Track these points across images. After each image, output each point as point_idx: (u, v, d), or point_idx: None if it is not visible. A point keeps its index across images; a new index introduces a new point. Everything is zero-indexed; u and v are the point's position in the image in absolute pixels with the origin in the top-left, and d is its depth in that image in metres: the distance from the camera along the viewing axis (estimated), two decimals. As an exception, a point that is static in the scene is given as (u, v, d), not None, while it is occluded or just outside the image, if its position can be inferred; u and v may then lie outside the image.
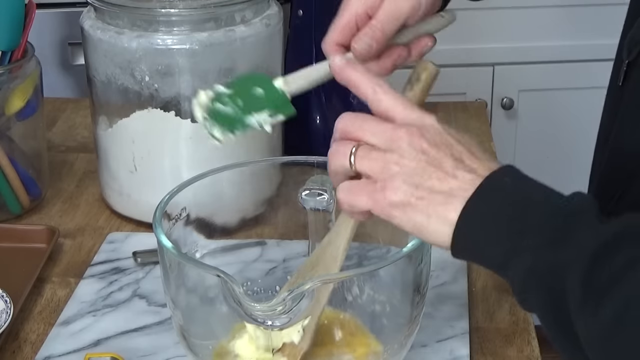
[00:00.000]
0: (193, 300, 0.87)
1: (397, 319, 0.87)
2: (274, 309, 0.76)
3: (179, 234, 0.90)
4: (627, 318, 0.63)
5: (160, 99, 1.13)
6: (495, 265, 0.70)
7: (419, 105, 0.85)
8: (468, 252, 0.71)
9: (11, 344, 0.98)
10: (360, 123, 0.74)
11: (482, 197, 0.69)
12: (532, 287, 0.67)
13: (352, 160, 0.73)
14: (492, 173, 0.70)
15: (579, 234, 0.66)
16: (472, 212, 0.69)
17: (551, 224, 0.67)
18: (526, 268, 0.67)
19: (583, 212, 0.67)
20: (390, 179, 0.71)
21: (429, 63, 0.85)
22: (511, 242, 0.68)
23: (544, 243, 0.66)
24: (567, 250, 0.66)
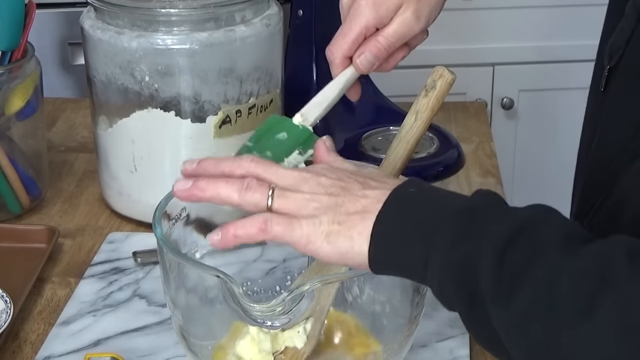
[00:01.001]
0: (193, 301, 0.87)
1: (397, 319, 0.87)
2: (273, 310, 0.76)
3: (179, 234, 0.90)
4: (534, 310, 0.64)
5: (160, 99, 1.13)
6: (414, 272, 0.71)
7: (433, 111, 0.86)
8: (386, 263, 0.72)
9: (11, 344, 0.98)
10: (268, 166, 0.76)
11: (390, 207, 0.71)
12: (449, 282, 0.69)
13: (270, 202, 0.74)
14: (398, 186, 0.73)
15: (486, 227, 0.68)
16: (383, 222, 0.71)
17: (459, 221, 0.69)
18: (440, 265, 0.69)
19: (487, 207, 0.69)
20: (311, 215, 0.73)
21: (445, 70, 0.85)
22: (424, 244, 0.70)
23: (454, 239, 0.68)
24: (475, 243, 0.67)
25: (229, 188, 0.75)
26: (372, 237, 0.71)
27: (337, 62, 0.92)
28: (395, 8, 0.91)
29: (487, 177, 1.31)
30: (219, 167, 0.77)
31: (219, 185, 0.75)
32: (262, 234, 0.73)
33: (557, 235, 0.66)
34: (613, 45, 0.89)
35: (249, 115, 1.15)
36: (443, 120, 1.43)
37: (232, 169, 0.76)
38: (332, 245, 0.72)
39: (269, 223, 0.73)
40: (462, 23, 2.06)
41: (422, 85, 0.87)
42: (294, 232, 0.73)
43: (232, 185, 0.75)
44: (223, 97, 1.13)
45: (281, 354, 0.84)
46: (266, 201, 0.74)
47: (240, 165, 0.76)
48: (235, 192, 0.74)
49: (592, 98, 0.99)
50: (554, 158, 2.15)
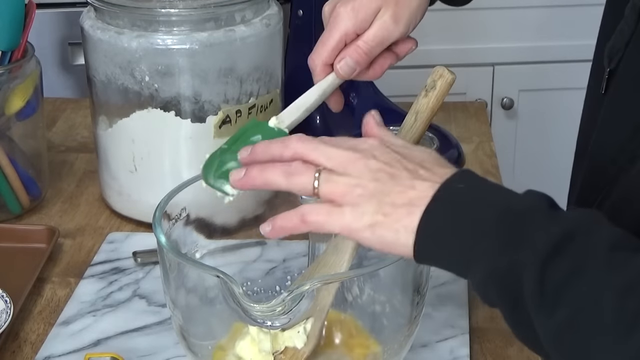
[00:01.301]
0: (193, 301, 0.87)
1: (397, 319, 0.87)
2: (273, 310, 0.76)
3: (179, 234, 0.90)
4: (576, 323, 0.65)
5: (160, 99, 1.13)
6: (456, 269, 0.72)
7: (433, 111, 0.86)
8: (430, 258, 0.73)
9: (11, 344, 0.98)
10: (315, 146, 0.76)
11: (438, 204, 0.71)
12: (493, 289, 0.69)
13: (316, 185, 0.74)
14: (447, 180, 0.72)
15: (531, 235, 0.67)
16: (430, 219, 0.71)
17: (505, 225, 0.68)
18: (484, 271, 0.69)
19: (534, 211, 0.69)
20: (355, 202, 0.73)
21: (445, 70, 0.85)
22: (468, 246, 0.69)
23: (499, 246, 0.68)
24: (521, 253, 0.67)
25: (276, 173, 0.75)
26: (417, 233, 0.71)
27: (318, 70, 0.92)
28: (374, 12, 0.91)
29: (487, 177, 1.30)
30: (269, 151, 0.78)
31: (267, 172, 0.76)
32: (305, 226, 0.74)
33: (603, 246, 0.66)
34: (613, 48, 0.89)
35: (249, 115, 1.15)
36: (443, 120, 1.43)
37: (280, 151, 0.77)
38: (376, 235, 0.72)
39: (310, 215, 0.74)
40: (462, 23, 2.06)
41: (422, 85, 0.87)
42: (334, 222, 0.73)
43: (279, 170, 0.75)
44: (223, 97, 1.13)
45: (281, 354, 0.84)
46: (312, 186, 0.74)
47: (287, 147, 0.76)
48: (282, 177, 0.75)
49: (591, 100, 0.99)
50: (553, 158, 2.15)
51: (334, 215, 0.73)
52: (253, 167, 0.77)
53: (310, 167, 0.75)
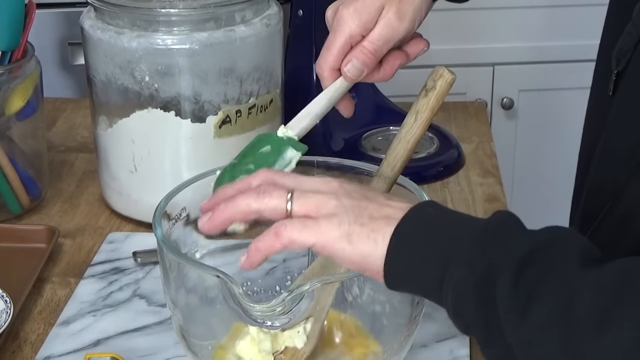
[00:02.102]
0: (193, 300, 0.87)
1: (397, 319, 0.87)
2: (273, 310, 0.76)
3: (179, 234, 0.90)
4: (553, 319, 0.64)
5: (160, 99, 1.13)
6: (429, 288, 0.71)
7: (433, 111, 0.85)
8: (403, 278, 0.71)
9: (11, 344, 0.98)
10: (283, 174, 0.76)
11: (411, 220, 0.71)
12: (465, 299, 0.68)
13: (289, 206, 0.72)
14: (417, 204, 0.72)
15: (504, 244, 0.67)
16: (404, 234, 0.70)
17: (478, 239, 0.68)
18: (458, 280, 0.68)
19: (505, 225, 0.69)
20: (330, 213, 0.71)
21: (445, 70, 0.85)
22: (441, 261, 0.69)
23: (472, 257, 0.68)
24: (494, 259, 0.67)
25: (245, 198, 0.73)
26: (389, 249, 0.70)
27: (326, 75, 0.91)
28: (378, 12, 0.90)
29: (487, 177, 1.31)
30: (234, 186, 0.76)
31: (236, 200, 0.74)
32: (278, 240, 0.71)
33: (575, 253, 0.66)
34: (621, 50, 0.88)
35: (249, 115, 1.15)
36: (443, 120, 1.43)
37: (247, 182, 0.75)
38: (353, 246, 0.71)
39: (284, 228, 0.71)
40: (462, 23, 2.06)
41: (422, 85, 0.87)
42: (309, 234, 0.71)
43: (249, 194, 0.73)
44: (223, 97, 1.13)
45: (281, 354, 0.84)
46: (285, 204, 0.72)
47: (254, 176, 0.75)
48: (252, 200, 0.73)
49: (596, 102, 0.98)
50: (554, 158, 2.15)
51: (309, 227, 0.71)
52: (220, 203, 0.75)
53: (281, 188, 0.73)
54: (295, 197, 0.72)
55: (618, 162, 0.85)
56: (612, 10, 0.97)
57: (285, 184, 0.74)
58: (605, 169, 0.89)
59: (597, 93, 0.97)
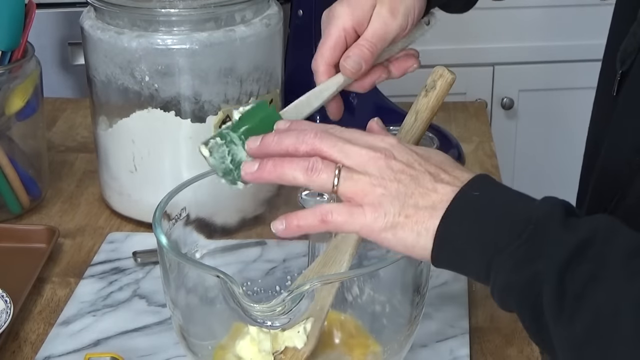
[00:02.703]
0: (193, 301, 0.87)
1: (397, 319, 0.87)
2: (273, 310, 0.76)
3: (179, 234, 0.90)
4: (594, 334, 0.64)
5: (160, 99, 1.13)
6: (474, 277, 0.72)
7: (433, 111, 0.85)
8: (448, 264, 0.73)
9: (11, 344, 0.98)
10: (333, 143, 0.74)
11: (456, 211, 0.71)
12: (512, 300, 0.70)
13: (336, 182, 0.73)
14: (463, 187, 0.72)
15: (547, 245, 0.67)
16: (448, 226, 0.71)
17: (521, 237, 0.68)
18: (502, 283, 0.69)
19: (549, 220, 0.68)
20: (376, 202, 0.72)
21: (445, 70, 0.85)
22: (486, 257, 0.69)
23: (516, 259, 0.68)
24: (538, 265, 0.67)
25: (294, 169, 0.74)
26: (435, 238, 0.71)
27: (321, 70, 0.91)
28: (371, 7, 0.90)
29: (487, 177, 1.31)
30: (282, 144, 0.76)
31: (284, 167, 0.74)
32: (324, 225, 0.73)
33: (619, 254, 0.66)
34: (625, 50, 0.88)
35: (249, 115, 1.15)
36: (443, 120, 1.43)
37: (295, 146, 0.75)
38: (397, 237, 0.72)
39: (330, 215, 0.73)
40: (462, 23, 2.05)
41: (422, 85, 0.87)
42: (355, 222, 0.72)
43: (297, 166, 0.74)
44: (223, 97, 1.13)
45: (281, 354, 0.84)
46: (331, 184, 0.72)
47: (303, 141, 0.75)
48: (301, 173, 0.73)
49: (602, 101, 0.99)
50: (554, 158, 2.15)
51: (355, 215, 0.72)
52: (267, 161, 0.75)
53: (329, 164, 0.73)
54: (342, 178, 0.73)
55: (623, 160, 0.85)
56: (618, 10, 0.97)
57: (333, 157, 0.73)
58: (610, 166, 0.89)
59: (602, 93, 0.97)
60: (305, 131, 0.75)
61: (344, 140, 0.75)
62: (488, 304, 1.03)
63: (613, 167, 0.87)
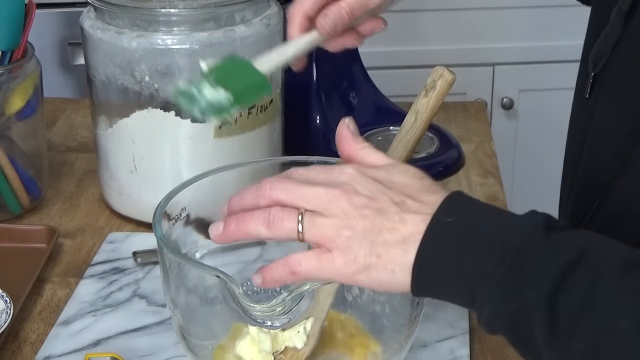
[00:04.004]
0: (193, 300, 0.87)
1: (397, 319, 0.87)
2: (273, 310, 0.76)
3: (179, 234, 0.90)
4: (593, 355, 0.64)
5: (160, 99, 1.13)
6: (459, 304, 0.71)
7: (433, 111, 0.85)
8: (430, 295, 0.72)
9: (11, 344, 0.98)
10: (290, 189, 0.72)
11: (431, 243, 0.69)
12: (501, 328, 0.68)
13: (300, 229, 0.71)
14: (436, 212, 0.69)
15: (533, 272, 0.66)
16: (425, 259, 0.69)
17: (504, 265, 0.66)
18: (490, 314, 0.68)
19: (532, 242, 0.67)
20: (344, 246, 0.70)
21: (445, 70, 0.85)
22: (469, 288, 0.68)
23: (501, 290, 0.66)
24: (524, 295, 0.66)
25: (255, 223, 0.72)
26: (413, 273, 0.69)
27: (298, 21, 0.90)
28: None
29: (487, 177, 1.31)
30: (242, 202, 0.75)
31: (247, 223, 0.73)
32: (295, 277, 0.72)
33: (610, 272, 0.64)
34: (598, 52, 0.88)
35: (249, 116, 1.15)
36: (443, 120, 1.43)
37: (255, 201, 0.73)
38: (371, 278, 0.70)
39: (299, 265, 0.71)
40: (462, 23, 2.06)
41: (422, 85, 0.87)
42: (326, 269, 0.71)
43: (258, 219, 0.72)
44: (223, 97, 1.13)
45: (281, 354, 0.84)
46: (296, 232, 0.71)
47: (261, 196, 0.73)
48: (263, 227, 0.72)
49: (577, 104, 0.99)
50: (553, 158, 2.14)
51: (325, 262, 0.71)
52: (231, 220, 0.74)
53: (291, 212, 0.71)
54: (306, 226, 0.71)
55: (603, 163, 0.85)
56: (593, 14, 0.97)
57: (292, 202, 0.72)
58: (591, 170, 0.89)
59: (578, 96, 0.97)
60: (262, 185, 0.74)
61: (302, 183, 0.73)
62: (488, 304, 1.03)
63: (594, 171, 0.87)
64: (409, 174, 0.73)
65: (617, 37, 0.85)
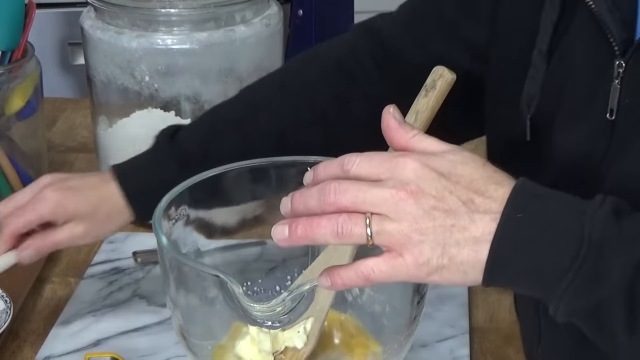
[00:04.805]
0: (193, 300, 0.87)
1: (397, 319, 0.87)
2: (273, 310, 0.76)
3: (179, 234, 0.90)
4: None
5: (160, 99, 1.13)
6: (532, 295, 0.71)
7: (433, 111, 0.85)
8: (502, 287, 0.72)
9: (11, 344, 0.98)
10: (354, 194, 0.71)
11: (504, 242, 0.68)
12: (580, 322, 0.69)
13: (369, 234, 0.70)
14: (504, 210, 0.69)
15: (608, 266, 0.66)
16: (498, 259, 0.69)
17: (580, 260, 0.66)
18: (567, 309, 0.68)
19: (605, 233, 0.67)
20: (416, 251, 0.69)
21: (445, 70, 0.84)
22: (542, 281, 0.68)
23: (577, 287, 0.67)
24: (602, 289, 0.66)
25: (324, 232, 0.71)
26: (485, 272, 0.69)
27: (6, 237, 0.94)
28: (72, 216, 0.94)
29: (487, 177, 1.30)
30: (308, 205, 0.73)
31: (314, 230, 0.71)
32: (369, 283, 0.71)
33: None
34: (528, 94, 0.86)
35: (249, 115, 1.15)
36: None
37: (321, 208, 0.72)
38: (444, 278, 0.70)
39: (373, 272, 0.71)
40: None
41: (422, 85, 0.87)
42: (399, 273, 0.70)
43: (326, 230, 0.71)
44: (223, 97, 1.13)
45: (281, 354, 0.84)
46: (365, 238, 0.70)
47: (327, 203, 0.71)
48: (331, 236, 0.71)
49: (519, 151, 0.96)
50: (554, 158, 2.15)
51: (397, 267, 0.70)
52: (297, 226, 0.72)
53: (358, 218, 0.70)
54: (374, 231, 0.70)
55: None
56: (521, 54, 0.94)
57: (359, 209, 0.70)
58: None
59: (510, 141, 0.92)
60: (325, 188, 0.72)
61: (365, 184, 0.71)
62: (488, 304, 1.03)
63: None
64: (470, 163, 0.73)
65: (542, 77, 0.84)
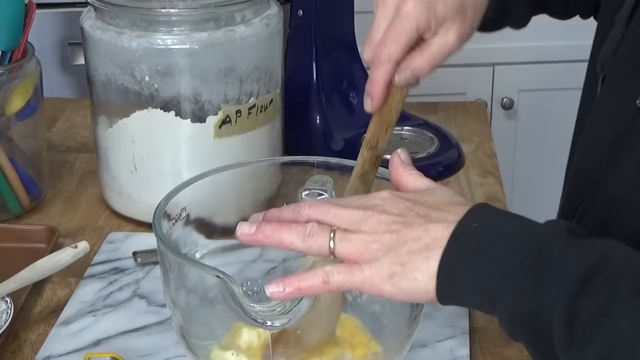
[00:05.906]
0: (193, 301, 0.87)
1: (397, 319, 0.87)
2: (273, 310, 0.76)
3: (179, 234, 0.90)
4: None
5: (160, 99, 1.13)
6: (482, 309, 0.72)
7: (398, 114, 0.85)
8: (454, 301, 0.73)
9: (11, 344, 0.98)
10: (326, 210, 0.75)
11: (454, 247, 0.71)
12: (520, 330, 0.69)
13: (332, 245, 0.74)
14: (461, 219, 0.71)
15: (554, 275, 0.67)
16: (449, 263, 0.71)
17: (526, 267, 0.68)
18: (510, 315, 0.69)
19: (552, 244, 0.68)
20: (372, 258, 0.72)
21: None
22: (491, 289, 0.69)
23: (521, 289, 0.68)
24: (545, 295, 0.67)
25: (292, 235, 0.75)
26: (438, 277, 0.71)
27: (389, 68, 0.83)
28: (442, 21, 0.85)
29: (487, 177, 1.31)
30: (281, 215, 0.77)
31: (282, 232, 0.75)
32: (325, 286, 0.74)
33: (627, 282, 0.65)
34: (603, 55, 0.88)
35: (249, 115, 1.15)
36: (443, 120, 1.43)
37: (294, 217, 0.76)
38: (395, 287, 0.72)
39: (331, 276, 0.73)
40: (462, 23, 2.05)
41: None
42: (355, 278, 0.73)
43: (295, 232, 0.75)
44: (223, 97, 1.13)
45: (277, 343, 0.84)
46: (328, 247, 0.74)
47: (300, 214, 0.76)
48: (298, 239, 0.74)
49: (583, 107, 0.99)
50: (553, 158, 2.15)
51: (354, 273, 0.73)
52: (266, 225, 0.76)
53: (325, 228, 0.74)
54: (337, 240, 0.74)
55: (592, 163, 0.85)
56: (600, 19, 0.97)
57: (328, 222, 0.75)
58: (580, 171, 0.89)
59: (585, 97, 0.97)
60: (301, 204, 0.77)
61: (338, 206, 0.76)
62: (488, 304, 1.03)
63: (583, 172, 0.87)
64: (442, 194, 0.76)
65: (619, 39, 0.86)
